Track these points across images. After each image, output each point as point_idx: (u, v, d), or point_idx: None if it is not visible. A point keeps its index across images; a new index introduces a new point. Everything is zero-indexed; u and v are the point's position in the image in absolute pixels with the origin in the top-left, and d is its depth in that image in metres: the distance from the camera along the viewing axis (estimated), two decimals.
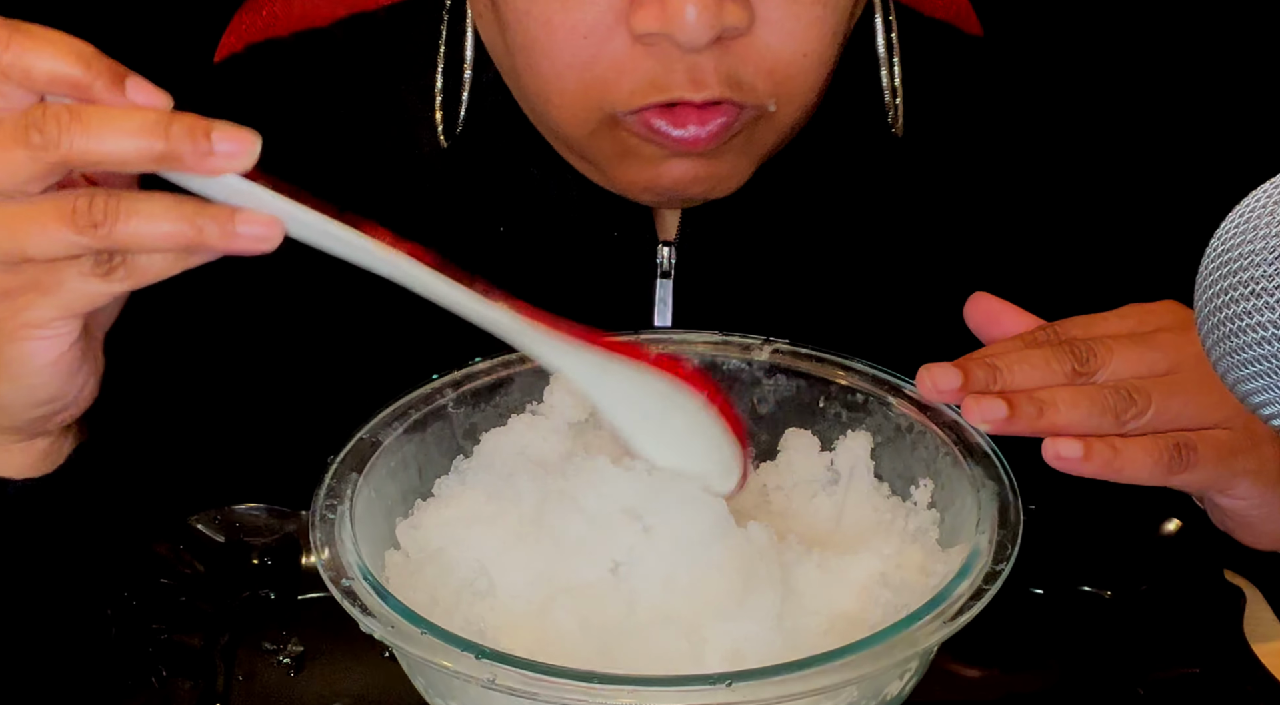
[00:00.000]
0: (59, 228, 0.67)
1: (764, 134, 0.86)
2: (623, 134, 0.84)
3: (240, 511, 0.88)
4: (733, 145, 0.84)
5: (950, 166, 0.97)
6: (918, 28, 0.97)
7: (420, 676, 0.72)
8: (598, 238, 0.94)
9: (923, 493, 0.79)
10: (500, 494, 0.76)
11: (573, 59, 0.81)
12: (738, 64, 0.81)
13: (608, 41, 0.80)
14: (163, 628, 0.83)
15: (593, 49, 0.80)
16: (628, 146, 0.84)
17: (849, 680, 0.65)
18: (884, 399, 0.80)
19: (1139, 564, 0.87)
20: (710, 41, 0.78)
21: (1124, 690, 0.82)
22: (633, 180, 0.87)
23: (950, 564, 0.73)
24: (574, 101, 0.83)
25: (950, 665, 0.81)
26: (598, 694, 0.63)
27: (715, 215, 0.93)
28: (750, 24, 0.80)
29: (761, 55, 0.81)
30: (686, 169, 0.85)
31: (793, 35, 0.81)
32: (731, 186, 0.88)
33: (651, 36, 0.79)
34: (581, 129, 0.85)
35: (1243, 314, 0.54)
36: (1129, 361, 0.75)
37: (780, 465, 0.82)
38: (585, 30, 0.80)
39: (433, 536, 0.75)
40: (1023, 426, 0.73)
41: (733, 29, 0.79)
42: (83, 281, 0.69)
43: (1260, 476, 0.77)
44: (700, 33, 0.77)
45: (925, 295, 0.95)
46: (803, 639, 0.69)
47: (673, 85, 0.80)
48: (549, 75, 0.83)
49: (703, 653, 0.68)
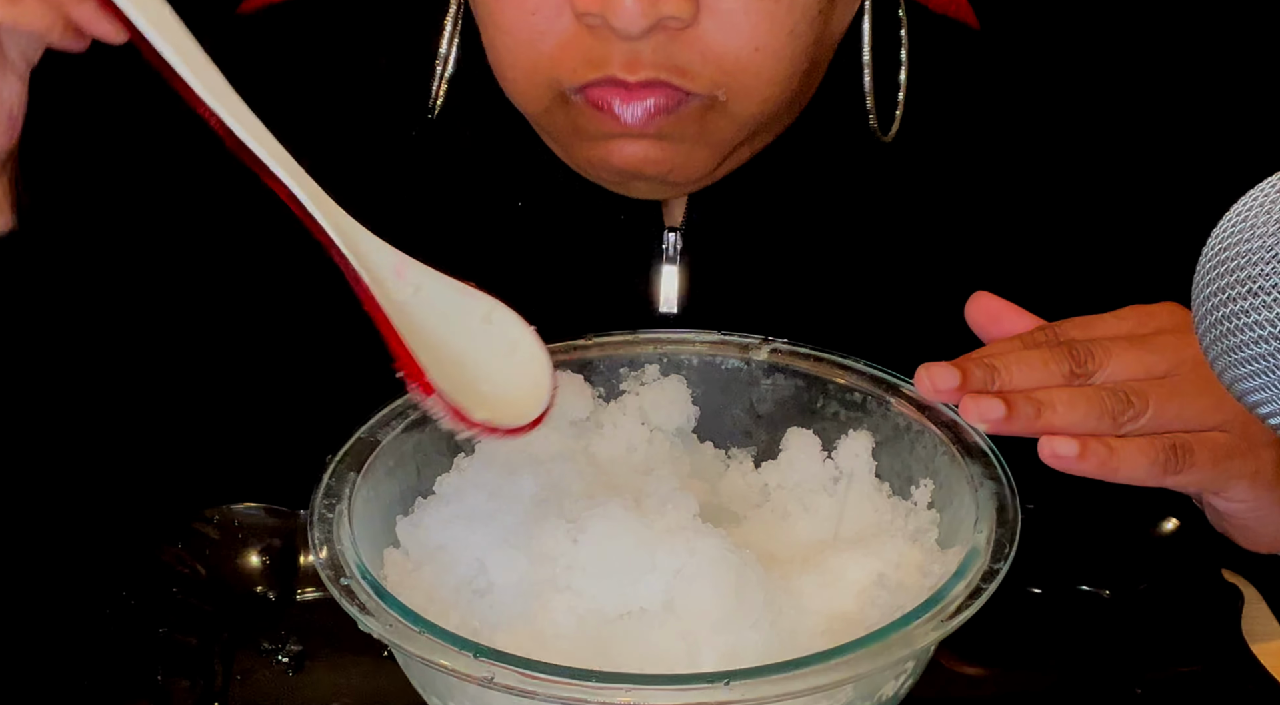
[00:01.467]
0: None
1: (719, 124, 0.86)
2: (572, 112, 0.85)
3: (240, 511, 0.88)
4: (685, 133, 0.85)
5: (953, 163, 0.97)
6: (925, 24, 0.97)
7: (418, 675, 0.72)
8: (604, 222, 0.94)
9: (922, 493, 0.79)
10: (500, 492, 0.76)
11: (522, 33, 0.83)
12: (680, 51, 0.82)
13: (554, 19, 0.82)
14: (163, 627, 0.83)
15: (540, 25, 0.83)
16: (577, 124, 0.86)
17: (846, 679, 0.65)
18: (882, 398, 0.80)
19: (1137, 563, 0.88)
20: (646, 30, 0.80)
21: (1122, 689, 0.82)
22: (586, 158, 0.88)
23: (948, 564, 0.73)
24: (525, 77, 0.85)
25: (948, 664, 0.81)
26: (595, 693, 0.63)
27: (722, 202, 0.93)
28: (694, 15, 0.81)
29: (707, 46, 0.82)
30: (636, 151, 0.85)
31: (739, 29, 0.82)
32: (692, 175, 0.88)
33: (591, 17, 0.80)
34: (537, 105, 0.87)
35: (1240, 313, 0.54)
36: (1127, 363, 0.75)
37: (781, 464, 0.82)
38: (533, 7, 0.83)
39: (431, 535, 0.75)
40: (1020, 426, 0.73)
41: (674, 19, 0.80)
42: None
43: (1257, 479, 0.77)
44: (635, 21, 0.79)
45: (927, 284, 0.96)
46: (800, 640, 0.69)
47: (609, 64, 0.82)
48: (502, 49, 0.85)
49: (699, 652, 0.68)
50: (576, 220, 0.95)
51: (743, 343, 0.84)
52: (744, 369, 0.83)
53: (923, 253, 0.97)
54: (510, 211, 0.96)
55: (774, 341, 0.83)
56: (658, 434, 0.82)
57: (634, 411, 0.82)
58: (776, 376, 0.83)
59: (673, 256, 0.95)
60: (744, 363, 0.83)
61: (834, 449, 0.81)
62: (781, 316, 0.85)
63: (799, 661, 0.64)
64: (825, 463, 0.81)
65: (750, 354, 0.83)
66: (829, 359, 0.82)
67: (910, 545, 0.77)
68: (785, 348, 0.83)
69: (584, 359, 0.83)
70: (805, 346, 0.83)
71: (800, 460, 0.81)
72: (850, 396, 0.81)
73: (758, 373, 0.83)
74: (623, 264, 0.95)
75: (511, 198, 0.95)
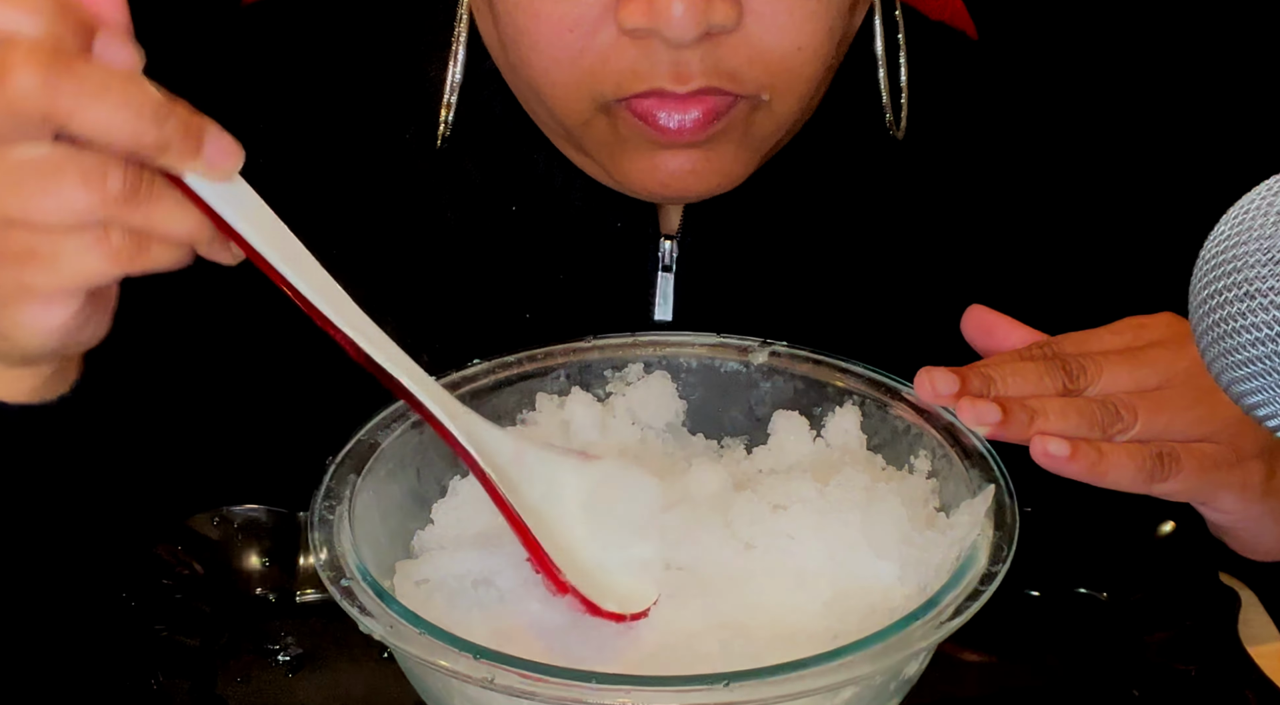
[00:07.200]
0: (80, 193, 0.62)
1: (762, 125, 0.86)
2: (617, 123, 0.84)
3: (240, 511, 0.88)
4: (729, 136, 0.85)
5: (952, 169, 0.97)
6: (922, 30, 0.97)
7: (418, 677, 0.72)
8: (600, 230, 0.94)
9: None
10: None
11: (561, 51, 0.82)
12: (726, 56, 0.81)
13: (594, 34, 0.81)
14: (162, 628, 0.83)
15: (580, 41, 0.82)
16: (621, 136, 0.85)
17: (846, 681, 0.65)
18: (881, 401, 0.81)
19: (1135, 566, 0.88)
20: (697, 38, 0.79)
21: (1119, 692, 0.82)
22: (630, 172, 0.87)
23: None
24: (564, 92, 0.84)
25: (946, 666, 0.81)
26: (595, 694, 0.63)
27: (718, 210, 0.93)
28: (739, 20, 0.80)
29: (753, 48, 0.82)
30: (683, 161, 0.85)
31: (785, 30, 0.82)
32: (734, 180, 0.88)
33: (638, 31, 0.80)
34: (577, 118, 0.85)
35: (1237, 315, 0.54)
36: (1118, 377, 0.77)
37: (772, 449, 0.81)
38: (571, 23, 0.81)
39: (436, 558, 0.75)
40: (1014, 432, 0.74)
41: (720, 26, 0.80)
42: (87, 258, 0.64)
43: (1244, 491, 0.78)
44: (687, 29, 0.78)
45: (925, 295, 0.96)
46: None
47: (656, 76, 0.81)
48: (539, 67, 0.84)
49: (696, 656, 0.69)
50: (572, 227, 0.95)
51: (741, 346, 0.84)
52: (743, 372, 0.84)
53: (923, 255, 0.97)
54: (506, 218, 0.96)
55: (772, 344, 0.83)
56: (649, 432, 0.82)
57: (623, 413, 0.82)
58: (775, 379, 0.83)
59: (669, 265, 0.95)
60: (743, 366, 0.84)
61: (823, 425, 0.81)
62: (778, 323, 0.85)
63: (799, 663, 0.64)
64: (815, 441, 0.81)
65: (749, 357, 0.83)
66: (828, 362, 0.82)
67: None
68: (784, 351, 0.83)
69: (584, 362, 0.83)
70: (804, 349, 0.83)
71: (789, 443, 0.81)
72: (849, 399, 0.81)
73: (756, 376, 0.83)
74: (618, 272, 0.95)
75: (505, 203, 0.95)
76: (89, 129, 0.61)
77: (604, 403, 0.82)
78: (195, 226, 0.65)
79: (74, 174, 0.62)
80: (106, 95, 0.61)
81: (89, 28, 0.62)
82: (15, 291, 0.65)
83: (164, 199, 0.64)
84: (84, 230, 0.63)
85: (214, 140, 0.63)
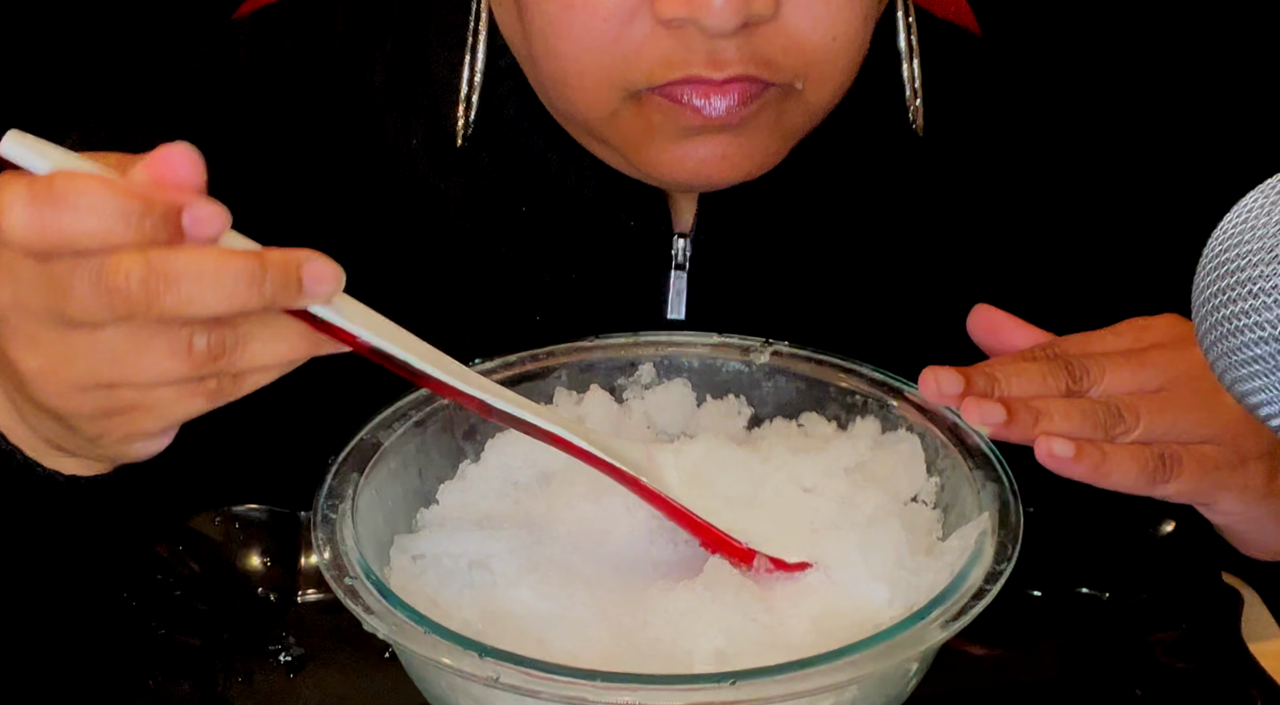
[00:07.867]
0: (170, 362, 0.63)
1: (793, 113, 0.85)
2: (646, 110, 0.83)
3: (240, 511, 0.88)
4: (761, 122, 0.84)
5: (965, 168, 0.97)
6: (932, 29, 0.97)
7: (421, 676, 0.72)
8: (613, 228, 0.94)
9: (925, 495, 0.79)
10: (505, 496, 0.77)
11: (592, 41, 0.81)
12: (762, 45, 0.81)
13: (629, 24, 0.81)
14: (162, 628, 0.83)
15: (613, 31, 0.81)
16: (651, 124, 0.84)
17: (851, 680, 0.65)
18: (884, 401, 0.81)
19: (1137, 566, 0.88)
20: (736, 28, 0.79)
21: (1122, 691, 0.82)
22: (658, 161, 0.86)
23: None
24: (593, 83, 0.83)
25: (949, 665, 0.81)
26: (600, 693, 0.63)
27: (731, 208, 0.93)
28: (777, 9, 0.80)
29: (789, 37, 0.81)
30: (713, 147, 0.84)
31: (820, 19, 0.81)
32: (763, 167, 0.87)
33: (677, 21, 0.79)
34: (603, 110, 0.84)
35: (1240, 314, 0.54)
36: (1121, 379, 0.77)
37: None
38: (606, 13, 0.81)
39: (434, 535, 0.75)
40: (1018, 432, 0.75)
41: (759, 15, 0.79)
42: (188, 403, 0.66)
43: (1246, 492, 0.78)
44: (727, 19, 0.78)
45: (937, 295, 0.96)
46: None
47: (691, 64, 0.81)
48: (567, 57, 0.83)
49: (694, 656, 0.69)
50: (585, 226, 0.95)
51: (744, 345, 0.84)
52: (745, 371, 0.84)
53: (936, 254, 0.97)
54: (518, 217, 0.95)
55: (775, 344, 0.83)
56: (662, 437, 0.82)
57: (639, 416, 0.82)
58: (777, 379, 0.83)
59: (682, 263, 0.95)
60: (745, 365, 0.83)
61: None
62: (791, 321, 0.85)
63: (803, 662, 0.64)
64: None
65: (751, 356, 0.83)
66: (830, 362, 0.82)
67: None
68: (786, 350, 0.83)
69: (586, 361, 0.83)
70: (806, 349, 0.83)
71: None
72: (851, 399, 0.82)
73: (759, 375, 0.83)
74: (631, 270, 0.95)
75: (518, 202, 0.95)
76: (195, 313, 0.62)
77: (621, 406, 0.83)
78: (287, 353, 0.66)
79: (161, 347, 0.63)
80: (201, 281, 0.61)
81: (176, 211, 0.62)
82: (124, 436, 0.68)
83: (254, 339, 0.64)
84: (182, 383, 0.65)
85: (311, 274, 0.63)
